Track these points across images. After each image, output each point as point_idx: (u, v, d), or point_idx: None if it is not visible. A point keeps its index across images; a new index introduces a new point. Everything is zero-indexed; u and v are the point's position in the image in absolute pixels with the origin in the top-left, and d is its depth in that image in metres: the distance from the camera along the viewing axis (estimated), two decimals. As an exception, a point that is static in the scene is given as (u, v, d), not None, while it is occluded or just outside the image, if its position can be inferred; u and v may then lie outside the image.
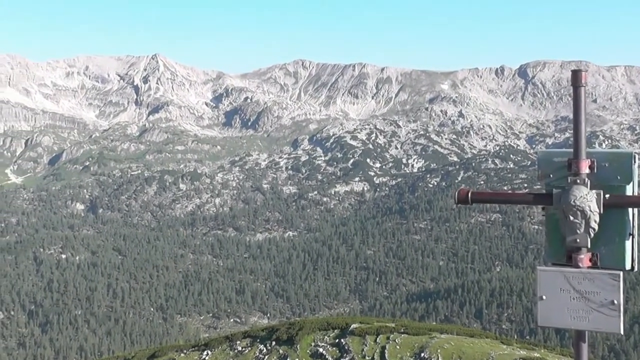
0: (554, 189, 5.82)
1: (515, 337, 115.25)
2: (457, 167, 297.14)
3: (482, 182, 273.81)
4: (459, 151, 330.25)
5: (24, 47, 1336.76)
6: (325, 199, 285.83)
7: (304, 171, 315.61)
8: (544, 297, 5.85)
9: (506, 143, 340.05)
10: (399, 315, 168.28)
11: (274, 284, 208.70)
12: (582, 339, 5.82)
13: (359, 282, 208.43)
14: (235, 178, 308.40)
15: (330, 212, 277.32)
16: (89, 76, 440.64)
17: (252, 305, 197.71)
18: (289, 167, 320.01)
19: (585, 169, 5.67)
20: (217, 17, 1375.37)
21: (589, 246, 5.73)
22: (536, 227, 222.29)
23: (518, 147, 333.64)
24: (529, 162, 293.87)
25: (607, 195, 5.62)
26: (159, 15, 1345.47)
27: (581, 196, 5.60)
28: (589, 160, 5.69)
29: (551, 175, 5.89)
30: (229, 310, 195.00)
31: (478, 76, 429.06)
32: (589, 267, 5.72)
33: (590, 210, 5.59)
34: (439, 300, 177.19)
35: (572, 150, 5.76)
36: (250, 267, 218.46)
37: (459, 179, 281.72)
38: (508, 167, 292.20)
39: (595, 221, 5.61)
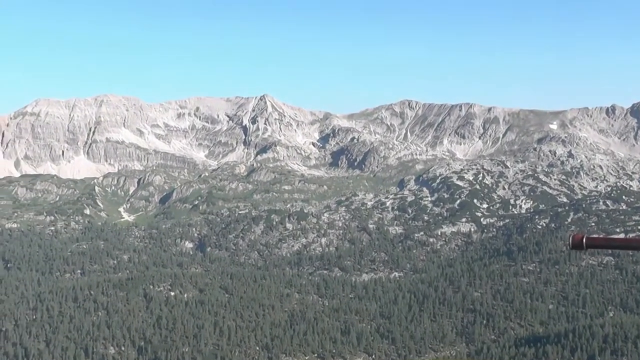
0: None
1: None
2: (567, 208, 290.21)
3: (592, 224, 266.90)
4: (569, 192, 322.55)
5: (139, 89, 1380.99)
6: (431, 240, 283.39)
7: (410, 211, 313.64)
8: None
9: (618, 184, 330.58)
10: (507, 359, 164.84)
11: (380, 325, 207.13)
12: None
13: (466, 325, 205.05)
14: (342, 218, 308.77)
15: (436, 253, 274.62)
16: (199, 117, 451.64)
17: (357, 346, 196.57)
18: (395, 208, 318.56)
19: None
20: (324, 58, 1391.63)
21: None
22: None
23: (631, 188, 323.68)
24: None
25: None
26: (268, 57, 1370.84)
27: None
28: None
29: None
30: (334, 351, 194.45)
31: (588, 116, 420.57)
32: None
33: None
34: (548, 345, 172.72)
35: None
36: (355, 307, 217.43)
37: (569, 220, 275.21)
38: (620, 208, 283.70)
39: None
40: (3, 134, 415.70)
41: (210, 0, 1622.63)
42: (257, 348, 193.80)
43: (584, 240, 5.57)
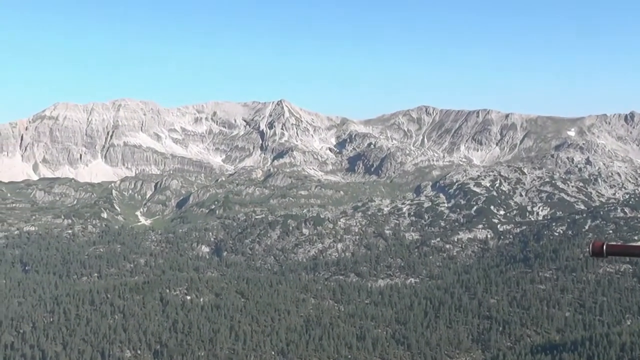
0: None
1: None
2: (585, 215, 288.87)
3: (610, 232, 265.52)
4: (586, 199, 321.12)
5: (156, 94, 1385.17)
6: (447, 246, 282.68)
7: (426, 217, 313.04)
8: None
9: (636, 191, 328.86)
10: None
11: (395, 331, 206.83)
12: None
13: (482, 332, 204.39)
14: (358, 223, 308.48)
15: (452, 260, 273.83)
16: (217, 122, 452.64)
17: (372, 352, 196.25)
18: (412, 214, 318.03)
19: None
20: (341, 64, 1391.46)
21: None
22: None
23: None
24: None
25: None
26: (285, 62, 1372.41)
27: None
28: None
29: None
30: (349, 356, 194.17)
31: (606, 122, 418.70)
32: None
33: None
34: (565, 353, 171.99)
35: None
36: (371, 313, 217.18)
37: (586, 227, 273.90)
38: (639, 216, 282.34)
39: None
40: (22, 137, 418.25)
41: (228, 7, 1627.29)
42: (273, 353, 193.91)
43: (604, 247, 5.61)
